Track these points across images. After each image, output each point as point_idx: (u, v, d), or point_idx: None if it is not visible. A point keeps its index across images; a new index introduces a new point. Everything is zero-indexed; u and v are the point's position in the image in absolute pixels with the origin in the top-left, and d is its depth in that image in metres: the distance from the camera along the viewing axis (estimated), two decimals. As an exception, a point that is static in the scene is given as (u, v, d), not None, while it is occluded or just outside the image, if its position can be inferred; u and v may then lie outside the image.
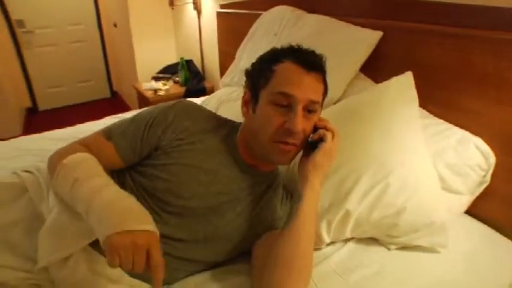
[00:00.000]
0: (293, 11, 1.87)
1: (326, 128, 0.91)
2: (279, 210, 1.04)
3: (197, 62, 3.40)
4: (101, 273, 0.85)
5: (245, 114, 0.99)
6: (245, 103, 0.99)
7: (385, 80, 1.21)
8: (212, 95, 2.17)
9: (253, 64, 0.98)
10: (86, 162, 0.89)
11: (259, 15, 2.10)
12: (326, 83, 0.94)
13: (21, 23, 4.43)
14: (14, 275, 0.85)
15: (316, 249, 1.07)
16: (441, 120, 1.24)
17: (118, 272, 0.86)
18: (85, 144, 0.97)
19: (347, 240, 1.11)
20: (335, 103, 1.38)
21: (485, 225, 1.18)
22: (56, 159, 0.90)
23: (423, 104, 1.23)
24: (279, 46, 0.96)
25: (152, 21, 3.70)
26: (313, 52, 0.92)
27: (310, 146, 0.93)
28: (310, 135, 0.92)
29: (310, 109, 0.88)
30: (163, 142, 0.97)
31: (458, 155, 1.13)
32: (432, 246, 1.05)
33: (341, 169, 1.06)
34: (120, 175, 1.00)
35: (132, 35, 3.63)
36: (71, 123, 2.14)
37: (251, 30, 2.08)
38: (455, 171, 1.13)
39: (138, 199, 0.83)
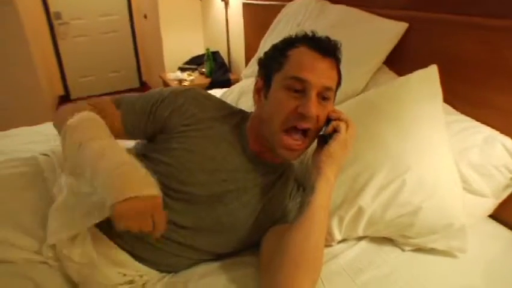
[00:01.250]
0: (317, 1, 1.82)
1: (339, 119, 0.88)
2: (288, 203, 1.01)
3: (223, 54, 3.39)
4: (107, 256, 0.86)
5: (257, 101, 0.97)
6: (257, 91, 0.97)
7: (409, 73, 1.15)
8: (233, 86, 2.15)
9: (266, 52, 0.96)
10: (90, 121, 0.89)
11: (284, 6, 2.06)
12: (340, 71, 0.92)
13: (58, 15, 4.58)
14: (23, 255, 0.86)
15: (326, 246, 1.03)
16: (467, 117, 1.17)
17: (123, 256, 0.87)
18: (94, 106, 0.97)
19: (359, 239, 1.06)
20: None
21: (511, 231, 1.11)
22: (63, 116, 0.90)
23: (449, 99, 1.16)
24: (294, 34, 0.93)
25: (181, 13, 3.72)
26: (328, 38, 0.90)
27: (324, 139, 0.90)
28: (323, 128, 0.89)
29: (324, 96, 0.86)
30: (169, 125, 0.97)
31: (484, 155, 1.06)
32: (450, 250, 0.99)
33: (355, 164, 1.02)
34: None
35: (161, 26, 3.67)
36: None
37: (275, 21, 2.04)
38: (480, 171, 1.06)
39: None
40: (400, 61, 1.39)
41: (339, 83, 0.93)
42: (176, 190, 0.91)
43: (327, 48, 0.87)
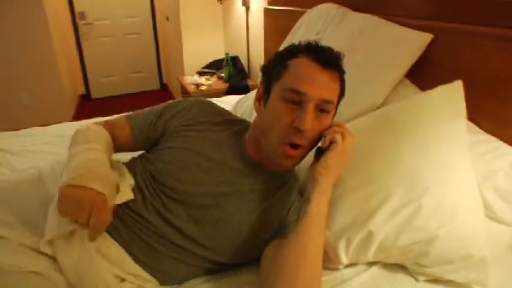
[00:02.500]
0: (339, 9, 1.75)
1: (334, 132, 0.86)
2: (288, 215, 0.96)
3: (243, 59, 3.36)
4: (104, 254, 0.85)
5: (257, 109, 0.96)
6: (258, 98, 0.97)
7: (433, 88, 1.07)
8: (249, 94, 2.10)
9: (269, 59, 0.95)
10: (91, 131, 1.00)
11: (305, 12, 2.00)
12: (343, 83, 0.91)
13: (82, 15, 4.67)
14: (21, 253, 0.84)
15: (333, 270, 0.97)
16: (493, 138, 1.08)
17: (119, 255, 0.87)
18: (108, 123, 1.09)
19: (370, 264, 0.99)
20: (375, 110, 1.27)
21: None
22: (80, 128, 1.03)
23: (474, 117, 1.08)
24: (297, 43, 0.92)
25: (202, 16, 3.71)
26: (330, 49, 0.88)
27: (321, 151, 0.87)
28: (320, 142, 0.88)
29: (322, 108, 0.85)
30: (170, 127, 1.03)
31: (511, 180, 0.97)
32: (468, 283, 0.91)
33: (368, 184, 0.95)
34: (134, 164, 1.03)
35: (181, 28, 3.67)
36: (120, 112, 2.17)
37: (294, 29, 1.98)
38: (505, 198, 0.97)
39: (145, 185, 0.93)
40: (423, 74, 1.31)
41: (341, 95, 0.91)
42: (173, 188, 0.91)
43: (329, 60, 0.85)
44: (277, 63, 0.90)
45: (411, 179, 0.92)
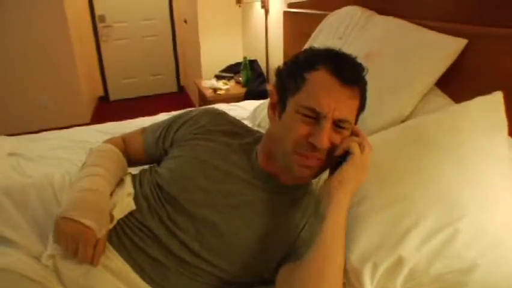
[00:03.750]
0: (363, 12, 1.66)
1: (351, 140, 0.81)
2: (302, 233, 0.89)
3: (262, 63, 3.29)
4: (108, 267, 0.83)
5: (271, 118, 0.91)
6: (272, 106, 0.91)
7: (466, 99, 0.99)
8: (266, 100, 2.03)
9: (285, 63, 0.90)
10: (102, 152, 1.04)
11: (327, 15, 1.92)
12: (364, 98, 0.85)
13: (102, 18, 4.71)
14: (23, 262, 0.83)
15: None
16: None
17: (124, 268, 0.84)
18: (123, 137, 1.13)
19: (397, 292, 0.90)
20: (403, 121, 1.18)
21: None
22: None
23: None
24: (317, 48, 0.87)
25: (220, 19, 3.67)
26: (352, 62, 0.83)
27: (338, 162, 0.82)
28: (336, 151, 0.82)
29: (340, 125, 0.80)
30: (179, 136, 1.02)
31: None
32: (512, 319, 0.81)
33: (397, 204, 0.87)
34: (144, 173, 1.02)
35: (199, 31, 3.63)
36: (137, 115, 2.29)
37: (314, 33, 1.91)
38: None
39: (152, 194, 0.92)
40: (455, 83, 1.22)
41: (361, 109, 0.86)
42: (177, 198, 0.88)
43: (351, 75, 0.79)
44: (295, 72, 0.84)
45: (446, 201, 0.84)
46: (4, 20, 3.55)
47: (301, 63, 0.84)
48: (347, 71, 0.79)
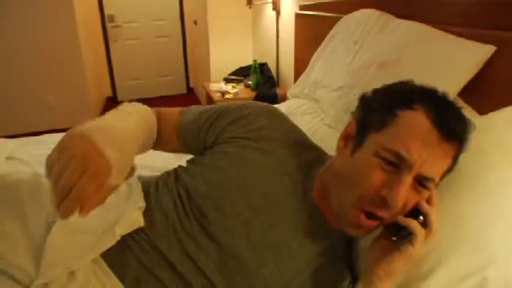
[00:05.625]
0: (380, 15, 1.57)
1: (424, 216, 0.65)
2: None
3: (272, 66, 3.21)
4: None
5: (341, 150, 0.76)
6: (345, 137, 0.76)
7: (491, 110, 0.89)
8: (279, 105, 1.95)
9: (376, 91, 0.74)
10: (139, 106, 0.84)
11: (341, 18, 1.84)
12: (458, 158, 0.68)
13: (112, 18, 4.67)
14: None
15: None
16: None
17: None
18: (158, 110, 0.92)
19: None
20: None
21: None
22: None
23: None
24: (417, 84, 0.71)
25: (230, 21, 3.60)
26: (460, 112, 0.67)
27: (393, 229, 0.68)
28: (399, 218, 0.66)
29: (423, 184, 0.65)
30: (227, 133, 0.83)
31: None
32: None
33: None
34: (165, 181, 0.85)
35: (209, 32, 3.57)
36: None
37: (328, 36, 1.82)
38: None
39: (174, 200, 0.77)
40: (481, 93, 1.12)
41: (450, 170, 0.69)
42: (208, 217, 0.74)
43: (455, 129, 0.64)
44: (385, 105, 0.69)
45: (471, 241, 0.71)
46: (12, 19, 3.53)
47: (396, 97, 0.69)
48: (452, 122, 0.64)
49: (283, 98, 2.79)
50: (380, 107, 0.70)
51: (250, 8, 3.52)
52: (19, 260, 0.69)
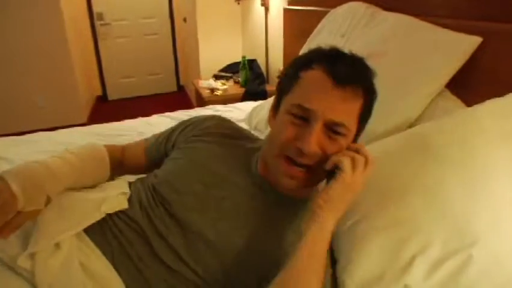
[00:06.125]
0: (368, 8, 1.56)
1: (343, 155, 0.73)
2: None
3: (261, 63, 3.19)
4: (89, 270, 0.75)
5: (269, 120, 0.88)
6: (271, 108, 0.87)
7: (479, 101, 0.88)
8: (266, 101, 1.93)
9: (287, 66, 0.87)
10: (87, 146, 0.98)
11: (328, 12, 1.82)
12: (368, 103, 0.78)
13: (100, 16, 4.63)
14: None
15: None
16: None
17: (106, 273, 0.76)
18: (124, 145, 1.11)
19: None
20: (410, 127, 1.07)
21: None
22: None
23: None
24: (324, 46, 0.81)
25: (219, 17, 3.58)
26: (352, 60, 0.77)
27: (330, 176, 0.74)
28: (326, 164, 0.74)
29: (334, 130, 0.74)
30: (181, 137, 1.00)
31: None
32: None
33: (401, 225, 0.76)
34: (142, 178, 0.97)
35: (198, 29, 3.54)
36: (136, 114, 2.23)
37: (316, 30, 1.81)
38: None
39: (146, 195, 0.86)
40: (467, 84, 1.11)
41: (363, 118, 0.78)
42: (170, 200, 0.83)
43: (346, 75, 0.73)
44: (292, 72, 0.80)
45: (457, 223, 0.73)
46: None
47: (299, 63, 0.80)
48: (343, 69, 0.73)
49: (273, 94, 2.77)
50: (288, 74, 0.81)
51: (238, 4, 3.50)
52: (8, 243, 0.75)
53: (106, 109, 4.73)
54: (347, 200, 0.72)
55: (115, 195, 0.86)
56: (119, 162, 1.05)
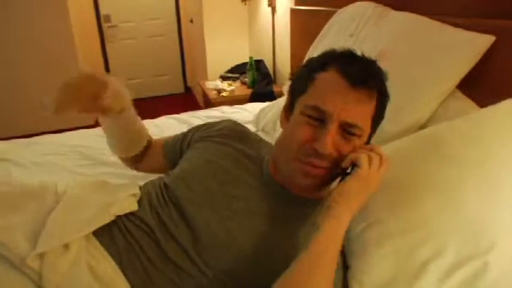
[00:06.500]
0: (376, 7, 1.54)
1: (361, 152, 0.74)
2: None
3: (268, 63, 3.18)
4: (95, 273, 0.74)
5: (281, 122, 0.88)
6: (284, 109, 0.88)
7: (493, 103, 0.87)
8: (273, 102, 1.92)
9: (299, 67, 0.87)
10: None
11: (336, 12, 1.80)
12: (381, 104, 0.79)
13: (107, 18, 4.65)
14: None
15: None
16: None
17: (113, 276, 0.75)
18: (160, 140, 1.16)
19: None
20: (420, 128, 1.05)
21: None
22: None
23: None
24: (337, 48, 0.81)
25: (226, 18, 3.57)
26: (367, 63, 0.78)
27: (344, 175, 0.75)
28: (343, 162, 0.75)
29: (349, 131, 0.74)
30: (195, 137, 1.03)
31: None
32: None
33: (414, 230, 0.74)
34: (152, 181, 0.97)
35: (204, 30, 3.54)
36: (142, 116, 2.13)
37: (324, 30, 1.79)
38: None
39: (156, 196, 0.87)
40: (479, 85, 1.09)
41: (376, 119, 0.79)
42: (179, 197, 0.84)
43: (360, 77, 0.73)
44: (305, 73, 0.81)
45: (473, 228, 0.71)
46: (5, 20, 3.50)
47: (313, 64, 0.82)
48: (357, 71, 0.74)
49: (280, 95, 2.75)
50: (302, 76, 0.81)
51: (245, 4, 3.49)
52: (15, 243, 0.74)
53: (113, 110, 4.73)
54: (362, 196, 0.71)
55: (124, 197, 0.86)
56: (146, 151, 1.12)
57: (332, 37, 1.67)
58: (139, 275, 0.77)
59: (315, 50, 1.79)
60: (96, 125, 2.90)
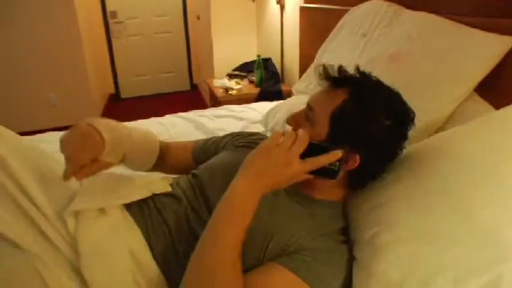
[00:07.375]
0: (390, 6, 1.50)
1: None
2: (304, 235, 0.78)
3: (276, 62, 3.14)
4: (127, 242, 0.81)
5: None
6: None
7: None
8: (282, 102, 1.89)
9: None
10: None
11: (348, 11, 1.77)
12: (349, 110, 0.77)
13: (114, 14, 4.63)
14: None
15: None
16: None
17: (141, 247, 0.82)
18: (168, 143, 1.18)
19: None
20: (437, 131, 1.02)
21: None
22: None
23: None
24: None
25: (234, 15, 3.53)
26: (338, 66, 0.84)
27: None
28: None
29: (308, 114, 0.82)
30: (231, 141, 1.08)
31: None
32: None
33: (422, 237, 0.70)
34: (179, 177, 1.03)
35: (212, 27, 3.50)
36: (148, 113, 2.26)
37: (335, 29, 1.76)
38: None
39: (185, 181, 0.96)
40: (497, 88, 1.06)
41: (337, 120, 0.78)
42: (203, 183, 0.91)
43: (333, 71, 0.82)
44: None
45: (485, 235, 0.67)
46: (12, 17, 3.49)
47: None
48: (336, 69, 0.81)
49: (288, 94, 2.72)
50: None
51: (253, 1, 3.45)
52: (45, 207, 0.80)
53: (118, 107, 4.73)
54: (270, 171, 0.71)
55: (160, 179, 0.96)
56: (162, 156, 1.12)
57: (345, 36, 1.64)
58: (164, 244, 0.84)
59: (327, 49, 1.76)
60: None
